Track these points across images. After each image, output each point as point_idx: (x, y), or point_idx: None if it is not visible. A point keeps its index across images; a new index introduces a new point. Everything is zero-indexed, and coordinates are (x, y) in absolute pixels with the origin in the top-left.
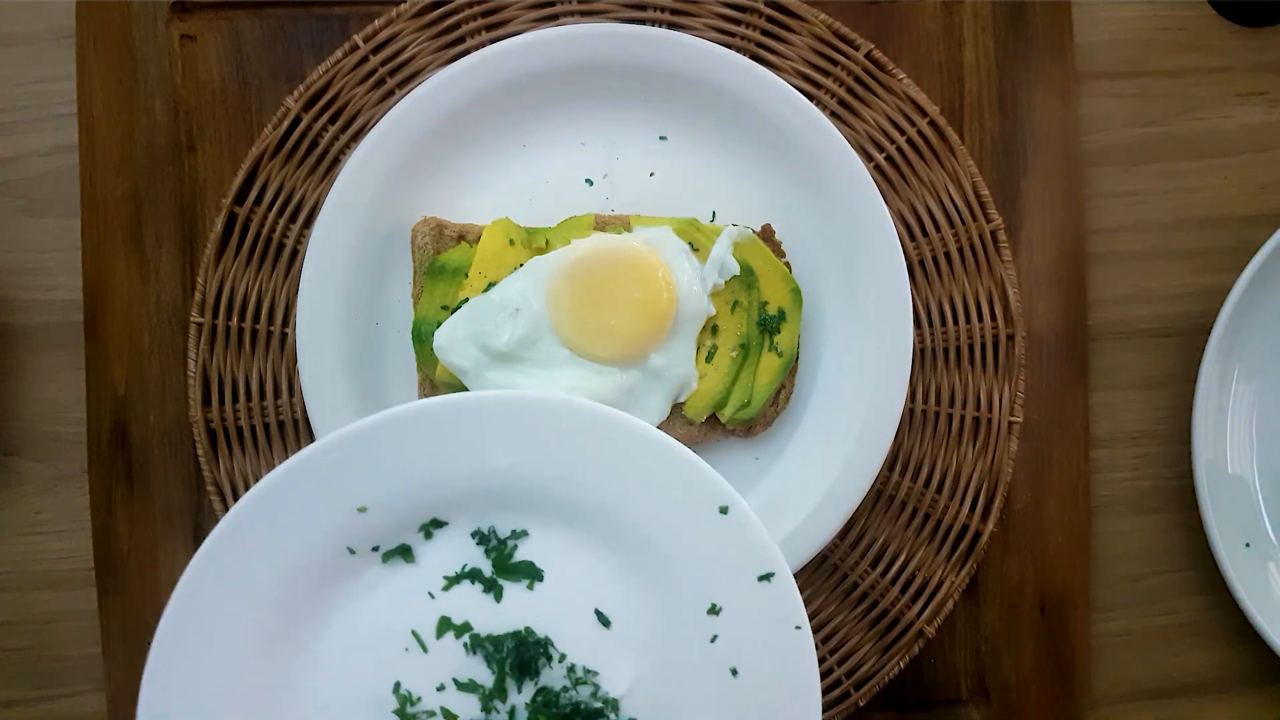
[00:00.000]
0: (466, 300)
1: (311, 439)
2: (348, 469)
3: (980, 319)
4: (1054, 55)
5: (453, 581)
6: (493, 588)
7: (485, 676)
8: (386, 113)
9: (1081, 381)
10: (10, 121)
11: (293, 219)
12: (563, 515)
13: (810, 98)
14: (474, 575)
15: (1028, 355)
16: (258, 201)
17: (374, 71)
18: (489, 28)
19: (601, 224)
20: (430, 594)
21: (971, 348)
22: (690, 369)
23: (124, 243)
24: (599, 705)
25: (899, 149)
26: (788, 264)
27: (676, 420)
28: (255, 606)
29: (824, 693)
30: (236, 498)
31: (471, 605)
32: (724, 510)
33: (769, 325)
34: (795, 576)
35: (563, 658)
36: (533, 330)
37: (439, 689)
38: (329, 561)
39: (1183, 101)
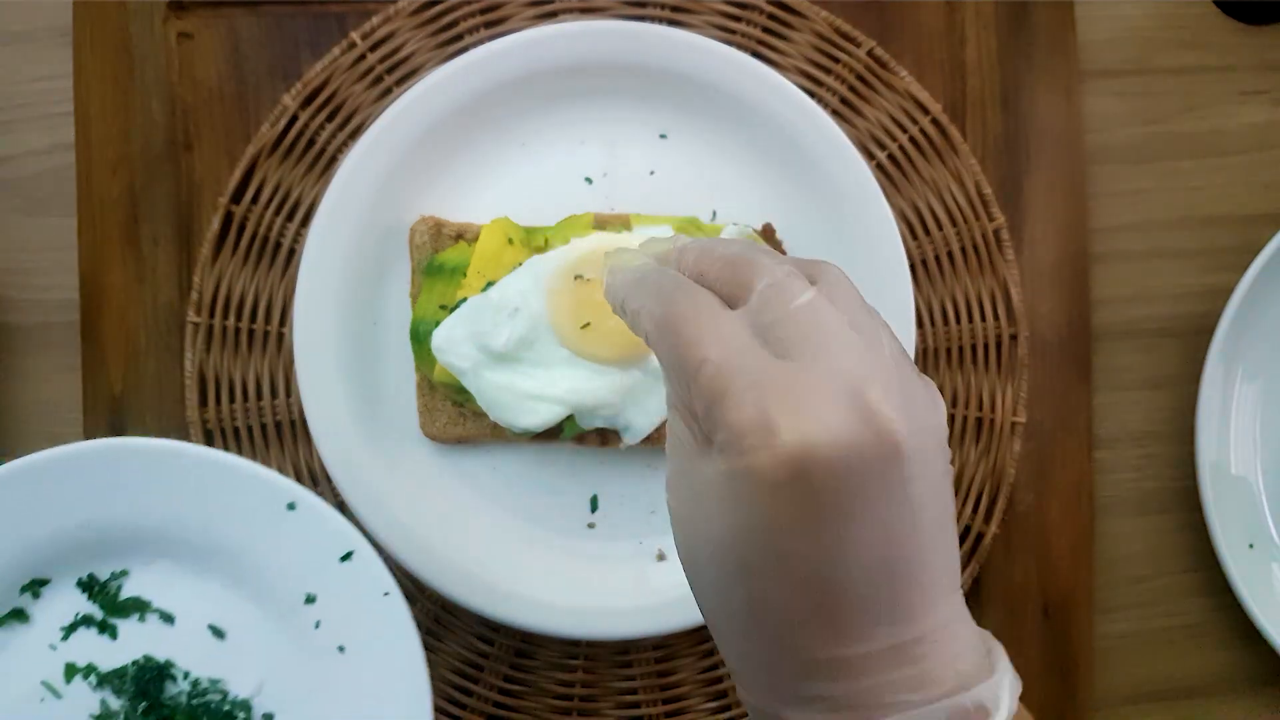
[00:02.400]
0: (465, 300)
1: (309, 439)
2: None
3: (983, 319)
4: (1057, 53)
5: (69, 630)
6: (106, 628)
7: (118, 708)
8: (384, 111)
9: (1084, 382)
10: (6, 120)
11: (290, 217)
12: (157, 548)
13: (812, 95)
14: (87, 620)
15: (1030, 355)
16: (255, 200)
17: (371, 69)
18: (487, 25)
19: (601, 223)
20: (51, 646)
21: (974, 348)
22: None
23: (120, 242)
24: (229, 708)
25: (901, 147)
26: None
27: None
28: None
29: None
30: None
31: (92, 648)
32: (292, 506)
33: None
34: None
35: (186, 675)
36: (531, 330)
37: None
38: None
39: (1186, 100)
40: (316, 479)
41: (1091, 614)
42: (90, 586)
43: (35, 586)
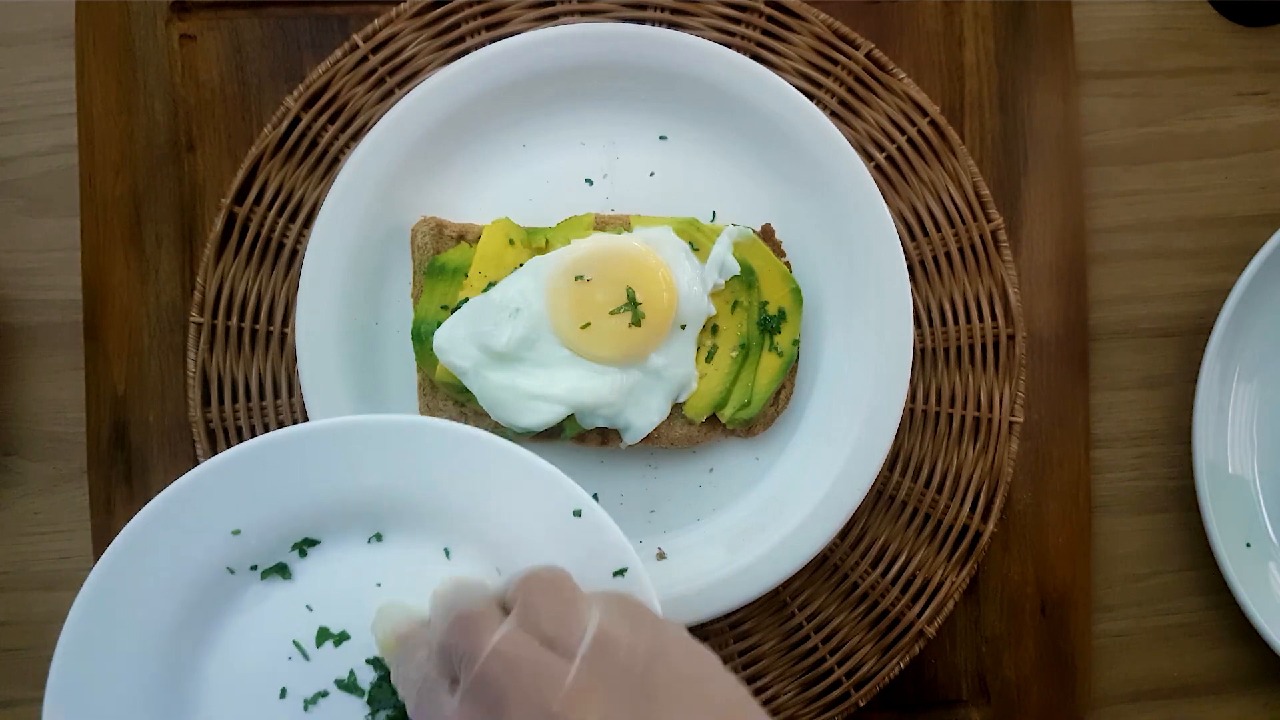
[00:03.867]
0: (466, 300)
1: None
2: (222, 494)
3: (980, 319)
4: (1054, 55)
5: (331, 594)
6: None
7: (366, 679)
8: (386, 112)
9: (1082, 381)
10: (10, 121)
11: (292, 219)
12: (434, 529)
13: (811, 97)
14: (351, 589)
15: (1028, 355)
16: (257, 201)
17: (374, 71)
18: (489, 27)
19: (601, 224)
20: (309, 607)
21: (972, 348)
22: (690, 369)
23: (123, 242)
24: None
25: (899, 148)
26: (788, 264)
27: (676, 420)
28: (146, 635)
29: (824, 693)
30: None
31: (349, 615)
32: (578, 514)
33: (769, 325)
34: (795, 576)
35: None
36: (532, 330)
37: (323, 694)
38: (211, 582)
39: (1183, 101)
40: None
41: (1089, 612)
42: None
43: (304, 546)
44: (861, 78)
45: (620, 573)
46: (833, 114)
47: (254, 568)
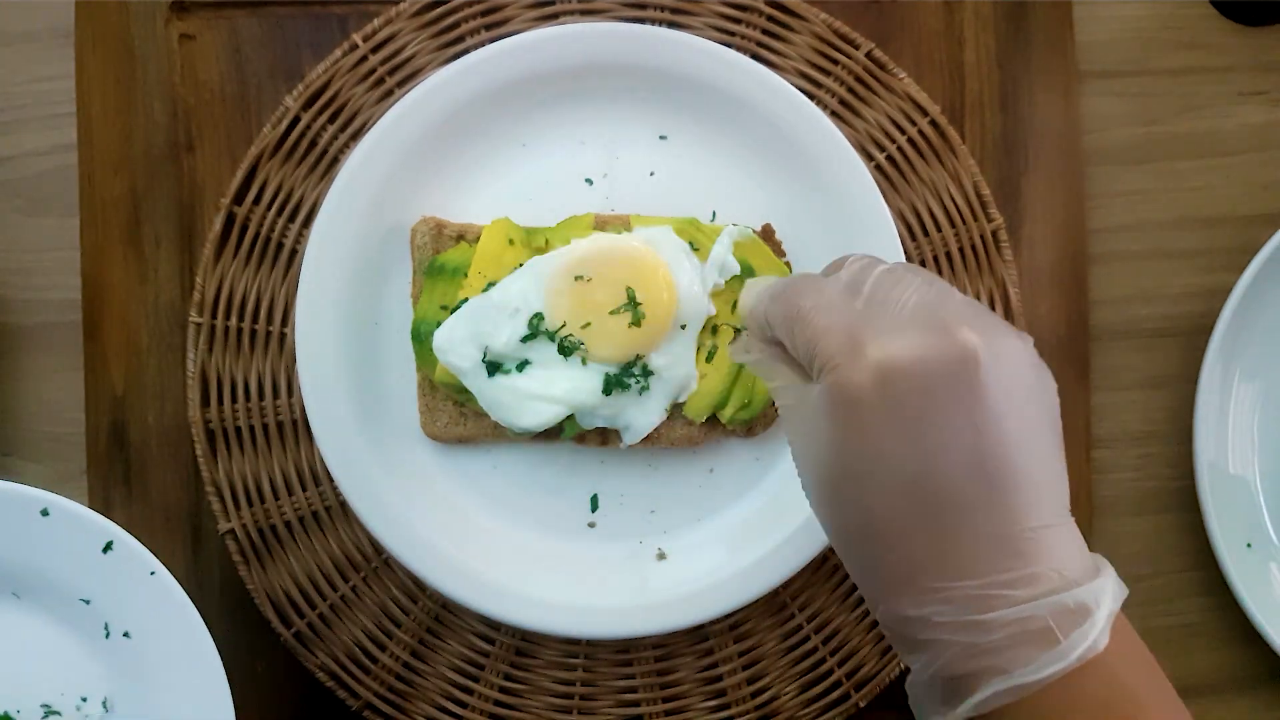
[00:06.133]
0: (466, 300)
1: (310, 439)
2: None
3: None
4: (1055, 54)
5: None
6: None
7: None
8: (385, 112)
9: (1083, 381)
10: (8, 121)
11: (291, 218)
12: None
13: (811, 97)
14: None
15: None
16: (256, 201)
17: (373, 71)
18: (488, 27)
19: (601, 223)
20: None
21: None
22: (690, 369)
23: (122, 242)
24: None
25: (899, 148)
26: (788, 264)
27: (676, 420)
28: None
29: (825, 694)
30: (235, 498)
31: None
32: (45, 512)
33: None
34: (795, 577)
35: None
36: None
37: None
38: None
39: (1184, 100)
40: (318, 478)
41: None
42: None
43: None
44: (862, 77)
45: (108, 547)
46: (833, 114)
47: None
